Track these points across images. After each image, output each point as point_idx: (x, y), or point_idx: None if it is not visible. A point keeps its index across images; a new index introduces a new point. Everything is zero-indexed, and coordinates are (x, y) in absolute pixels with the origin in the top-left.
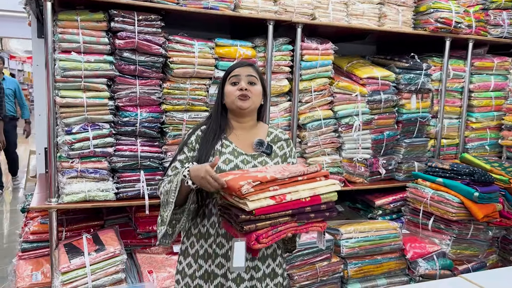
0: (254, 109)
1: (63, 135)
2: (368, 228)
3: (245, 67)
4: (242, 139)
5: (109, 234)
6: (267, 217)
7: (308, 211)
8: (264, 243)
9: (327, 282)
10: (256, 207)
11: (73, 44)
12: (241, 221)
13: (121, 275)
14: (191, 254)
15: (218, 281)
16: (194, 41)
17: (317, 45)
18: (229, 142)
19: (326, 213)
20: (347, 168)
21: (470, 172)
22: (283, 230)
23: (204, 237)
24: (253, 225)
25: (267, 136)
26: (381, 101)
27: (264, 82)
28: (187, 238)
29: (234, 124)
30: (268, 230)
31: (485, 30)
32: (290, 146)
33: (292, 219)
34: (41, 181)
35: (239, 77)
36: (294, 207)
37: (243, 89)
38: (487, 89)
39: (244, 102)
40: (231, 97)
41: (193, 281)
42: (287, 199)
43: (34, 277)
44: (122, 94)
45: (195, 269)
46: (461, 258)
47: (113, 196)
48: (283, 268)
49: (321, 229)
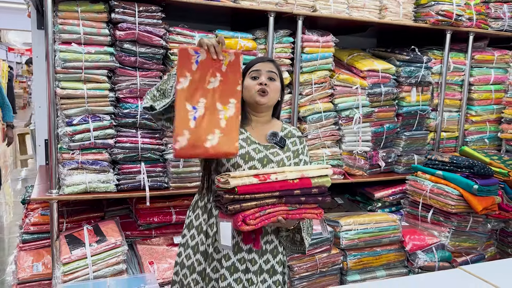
0: (271, 105)
1: (63, 127)
2: (368, 220)
3: (266, 62)
4: (257, 130)
5: (110, 225)
6: (252, 197)
7: (297, 194)
8: (252, 225)
9: (327, 274)
10: (238, 184)
11: (74, 35)
12: (226, 202)
13: (122, 266)
14: (190, 246)
15: (214, 265)
16: (194, 32)
17: (318, 37)
18: (244, 130)
19: (319, 197)
20: (347, 160)
21: (469, 165)
22: (272, 212)
23: (205, 234)
24: (238, 205)
25: (281, 131)
26: (381, 93)
27: (282, 78)
28: (188, 230)
29: (251, 116)
30: (256, 212)
31: (485, 23)
32: (303, 144)
33: (280, 201)
34: (42, 172)
35: (260, 72)
36: (281, 188)
37: (263, 83)
38: (487, 82)
39: (263, 97)
40: (250, 91)
41: (191, 274)
42: (272, 178)
43: (35, 268)
44: (122, 85)
45: (193, 261)
46: (460, 250)
47: (114, 187)
48: (283, 267)
49: (317, 217)
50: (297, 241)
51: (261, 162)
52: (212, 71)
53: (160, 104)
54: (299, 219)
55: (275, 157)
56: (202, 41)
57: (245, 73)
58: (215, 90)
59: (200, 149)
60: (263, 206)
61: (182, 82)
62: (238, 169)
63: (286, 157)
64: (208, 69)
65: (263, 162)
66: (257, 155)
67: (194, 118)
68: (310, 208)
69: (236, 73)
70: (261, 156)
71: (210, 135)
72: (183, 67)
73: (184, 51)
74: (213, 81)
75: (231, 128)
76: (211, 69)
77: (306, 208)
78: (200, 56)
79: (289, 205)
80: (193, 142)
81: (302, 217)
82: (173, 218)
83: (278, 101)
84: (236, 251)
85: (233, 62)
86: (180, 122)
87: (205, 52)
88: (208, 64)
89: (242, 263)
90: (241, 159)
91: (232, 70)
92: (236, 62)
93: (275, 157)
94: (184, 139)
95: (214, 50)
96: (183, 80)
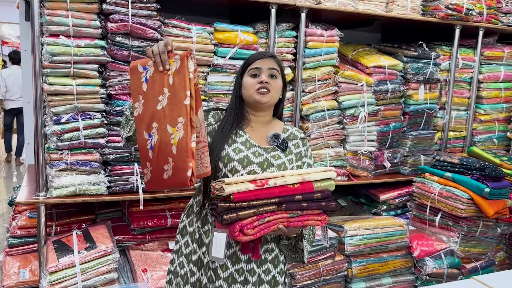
0: (272, 104)
1: (51, 125)
2: (374, 225)
3: (267, 59)
4: (257, 131)
5: (100, 230)
6: (250, 205)
7: (299, 200)
8: (251, 235)
9: (330, 281)
10: (233, 191)
11: (62, 27)
12: (221, 211)
13: (113, 274)
14: (184, 254)
15: (210, 274)
16: (191, 25)
17: (322, 31)
18: (243, 133)
19: (322, 202)
20: (351, 161)
21: (480, 167)
22: (272, 220)
23: (198, 243)
24: (234, 214)
25: (283, 132)
26: (387, 91)
27: (284, 75)
28: (181, 237)
29: (250, 117)
30: (254, 221)
31: (496, 18)
32: (306, 146)
33: (280, 208)
34: (30, 172)
35: (260, 70)
36: (280, 194)
37: (263, 82)
38: (496, 80)
39: (263, 96)
40: (250, 90)
41: (185, 284)
42: (270, 184)
43: (22, 275)
44: (114, 81)
45: (186, 270)
46: (469, 256)
47: (105, 190)
48: (285, 276)
49: (321, 223)
50: (300, 249)
51: (261, 166)
52: (159, 88)
53: (124, 134)
54: (302, 226)
55: (276, 161)
56: (148, 51)
57: (244, 70)
58: (164, 110)
59: (161, 183)
60: (262, 214)
61: (137, 108)
62: (236, 175)
63: (288, 160)
64: (157, 86)
65: (263, 166)
66: (256, 159)
67: (151, 147)
68: (313, 215)
69: (182, 82)
70: (261, 160)
71: (166, 165)
72: (135, 90)
73: (133, 69)
74: (161, 100)
75: (182, 154)
76: (158, 85)
77: (308, 215)
78: (148, 71)
79: (290, 212)
80: (155, 175)
81: (305, 225)
82: (168, 221)
83: (279, 100)
84: (234, 261)
85: (179, 69)
86: (142, 153)
87: (153, 64)
88: (156, 80)
89: (240, 274)
90: (239, 164)
91: (178, 80)
92: (182, 68)
93: (276, 160)
94: (148, 172)
95: (160, 59)
96: (137, 105)
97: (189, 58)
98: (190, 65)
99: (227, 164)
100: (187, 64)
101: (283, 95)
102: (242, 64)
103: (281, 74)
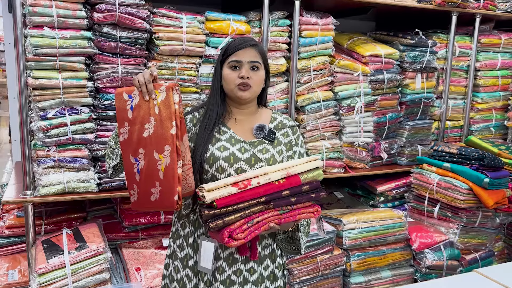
0: (256, 96)
1: (37, 121)
2: (372, 217)
3: (248, 49)
4: (241, 125)
5: (91, 229)
6: (235, 209)
7: (286, 195)
8: (241, 239)
9: (329, 276)
10: (215, 198)
11: (46, 18)
12: (206, 219)
13: (105, 275)
14: (179, 257)
15: (207, 278)
16: (182, 14)
17: (316, 19)
18: (226, 128)
19: (312, 194)
20: (348, 153)
21: (479, 157)
22: (262, 221)
23: (193, 248)
24: (220, 221)
25: (271, 122)
26: (384, 80)
27: (267, 64)
28: (173, 241)
29: (232, 109)
30: (242, 224)
31: (493, 4)
32: (297, 134)
33: (267, 206)
34: (18, 170)
35: (241, 63)
36: (266, 192)
37: (244, 77)
38: (493, 67)
39: (244, 92)
40: (230, 84)
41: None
42: (253, 184)
43: (10, 276)
44: (102, 74)
45: (182, 275)
46: (469, 247)
47: (95, 187)
48: (283, 270)
49: (314, 215)
50: (297, 239)
51: (248, 162)
52: (145, 116)
53: (110, 164)
54: (295, 221)
55: (264, 155)
56: (134, 80)
57: (224, 60)
58: (150, 137)
59: (148, 204)
60: (250, 216)
61: (123, 133)
62: (223, 174)
63: (277, 152)
64: (143, 114)
65: (250, 162)
66: (243, 156)
67: (138, 171)
68: (305, 208)
69: (168, 113)
70: (247, 156)
71: (153, 189)
72: (121, 116)
73: (119, 96)
74: (147, 128)
75: (169, 180)
76: (144, 113)
77: (300, 209)
78: (133, 100)
79: (280, 209)
80: (142, 196)
81: (297, 219)
82: (162, 218)
83: (262, 89)
84: (230, 263)
85: (164, 100)
86: (128, 176)
87: (138, 93)
88: (142, 107)
89: (238, 275)
90: (225, 163)
91: (164, 110)
92: (167, 100)
93: (264, 154)
94: (135, 193)
95: (146, 89)
96: (123, 131)
97: (174, 90)
98: (175, 97)
99: (213, 164)
100: (172, 95)
101: (266, 84)
102: (221, 52)
103: (263, 63)
